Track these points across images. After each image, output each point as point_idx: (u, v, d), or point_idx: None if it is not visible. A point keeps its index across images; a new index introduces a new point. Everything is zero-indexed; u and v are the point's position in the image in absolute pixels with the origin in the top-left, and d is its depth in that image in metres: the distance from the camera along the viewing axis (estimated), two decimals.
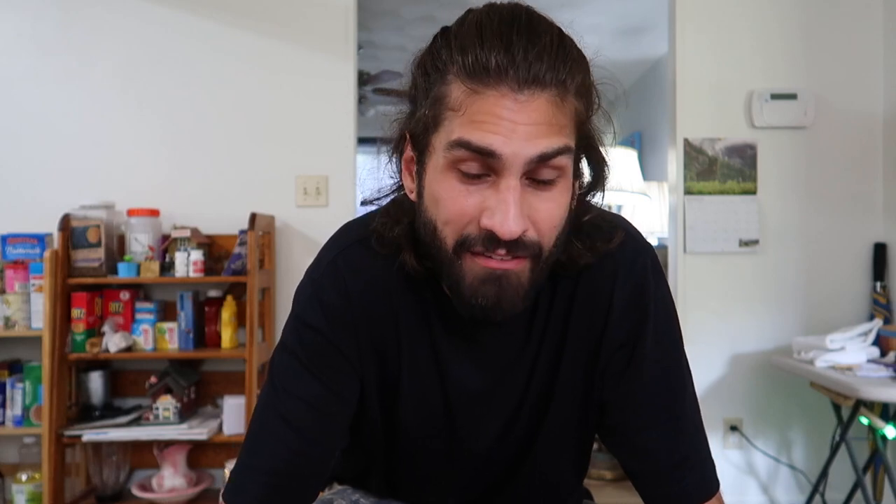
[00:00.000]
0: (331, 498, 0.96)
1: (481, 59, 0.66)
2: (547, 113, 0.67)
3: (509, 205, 0.67)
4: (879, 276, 2.66)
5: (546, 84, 0.67)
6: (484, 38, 0.67)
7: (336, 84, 2.70)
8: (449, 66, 0.69)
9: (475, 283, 0.72)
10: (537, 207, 0.70)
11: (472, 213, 0.70)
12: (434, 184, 0.72)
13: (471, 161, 0.68)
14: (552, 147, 0.68)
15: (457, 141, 0.68)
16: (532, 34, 0.67)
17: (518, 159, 0.67)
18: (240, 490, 0.81)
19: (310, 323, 0.82)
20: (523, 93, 0.66)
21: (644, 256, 0.83)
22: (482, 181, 0.69)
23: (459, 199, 0.70)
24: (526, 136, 0.67)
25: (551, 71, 0.67)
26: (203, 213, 2.63)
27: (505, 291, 0.72)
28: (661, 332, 0.83)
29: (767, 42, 2.72)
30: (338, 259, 0.83)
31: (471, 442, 0.87)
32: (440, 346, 0.84)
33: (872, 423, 2.23)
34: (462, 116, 0.68)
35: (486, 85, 0.67)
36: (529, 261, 0.72)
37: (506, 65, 0.66)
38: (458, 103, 0.68)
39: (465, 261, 0.72)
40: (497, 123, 0.66)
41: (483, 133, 0.67)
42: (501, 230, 0.68)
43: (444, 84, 0.70)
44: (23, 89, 2.68)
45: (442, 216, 0.71)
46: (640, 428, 0.83)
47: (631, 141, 5.12)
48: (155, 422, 2.39)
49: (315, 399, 0.81)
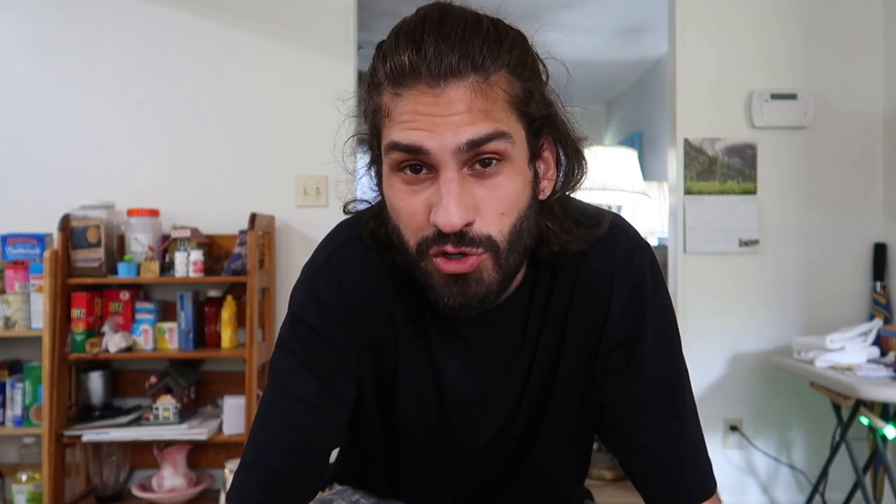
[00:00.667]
0: (331, 498, 0.96)
1: (397, 63, 0.68)
2: (467, 101, 0.67)
3: (448, 197, 0.68)
4: (879, 276, 2.66)
5: (462, 72, 0.67)
6: (399, 42, 0.69)
7: (336, 84, 2.69)
8: (379, 77, 0.71)
9: (440, 284, 0.73)
10: (481, 196, 0.70)
11: (422, 213, 0.71)
12: (387, 191, 0.74)
13: (406, 161, 0.70)
14: (480, 133, 0.68)
15: (389, 144, 0.70)
16: (440, 27, 0.68)
17: (446, 151, 0.68)
18: (240, 489, 0.82)
19: (306, 321, 0.82)
20: (439, 86, 0.67)
21: (642, 256, 0.83)
22: (424, 180, 0.70)
23: (407, 200, 0.71)
24: (450, 127, 0.67)
25: (465, 58, 0.67)
26: (203, 213, 2.63)
27: (470, 290, 0.72)
28: (660, 331, 0.83)
29: (767, 42, 2.73)
30: (332, 257, 0.84)
31: (469, 441, 0.87)
32: (434, 345, 0.84)
33: (872, 423, 2.23)
34: (391, 121, 0.70)
35: (404, 86, 0.68)
36: (489, 255, 0.71)
37: (417, 63, 0.67)
38: (387, 109, 0.70)
39: (428, 263, 0.72)
40: (419, 120, 0.68)
41: (408, 131, 0.68)
42: (444, 223, 0.68)
43: (379, 95, 0.72)
44: (23, 89, 2.68)
45: (401, 220, 0.73)
46: (639, 427, 0.83)
47: (631, 141, 5.12)
48: (155, 422, 2.39)
49: (313, 397, 0.81)
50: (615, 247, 0.82)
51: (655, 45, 4.34)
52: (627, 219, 0.88)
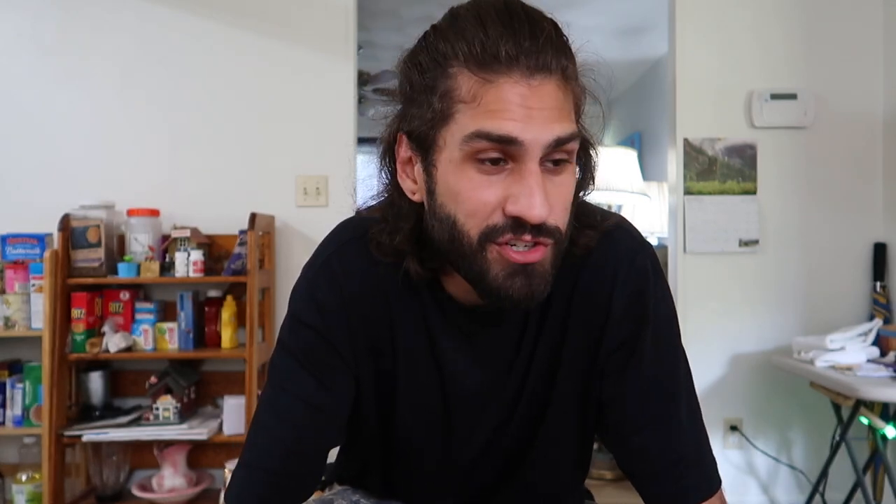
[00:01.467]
0: (331, 498, 0.96)
1: (489, 48, 0.67)
2: (557, 98, 0.68)
3: (534, 189, 0.68)
4: (879, 276, 2.66)
5: (552, 70, 0.68)
6: (488, 27, 0.68)
7: (336, 84, 2.70)
8: (451, 60, 0.69)
9: (501, 276, 0.71)
10: (552, 191, 0.70)
11: (495, 203, 0.70)
12: (450, 178, 0.71)
13: (490, 151, 0.68)
14: (566, 132, 0.69)
15: (475, 133, 0.68)
16: (533, 22, 0.68)
17: (537, 144, 0.68)
18: (238, 488, 0.82)
19: (305, 321, 0.82)
20: (535, 78, 0.67)
21: (644, 256, 0.83)
22: (501, 170, 0.69)
23: (480, 190, 0.70)
24: (542, 122, 0.67)
25: (556, 58, 0.68)
26: (203, 213, 2.63)
27: (533, 281, 0.72)
28: (661, 331, 0.83)
29: (767, 42, 2.73)
30: (332, 257, 0.84)
31: (467, 439, 0.87)
32: (437, 342, 0.84)
33: (872, 423, 2.23)
34: (476, 107, 0.68)
35: (497, 73, 0.67)
36: (552, 246, 0.72)
37: (516, 52, 0.66)
38: (469, 94, 0.68)
39: (490, 253, 0.71)
40: (513, 111, 0.67)
41: (502, 121, 0.67)
42: (530, 214, 0.68)
43: (448, 78, 0.69)
44: (23, 89, 2.68)
45: (463, 209, 0.71)
46: (639, 427, 0.83)
47: (631, 141, 5.12)
48: (155, 422, 2.39)
49: (311, 397, 0.81)
50: (617, 247, 0.83)
51: (655, 45, 4.34)
52: (627, 219, 0.89)
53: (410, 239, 0.78)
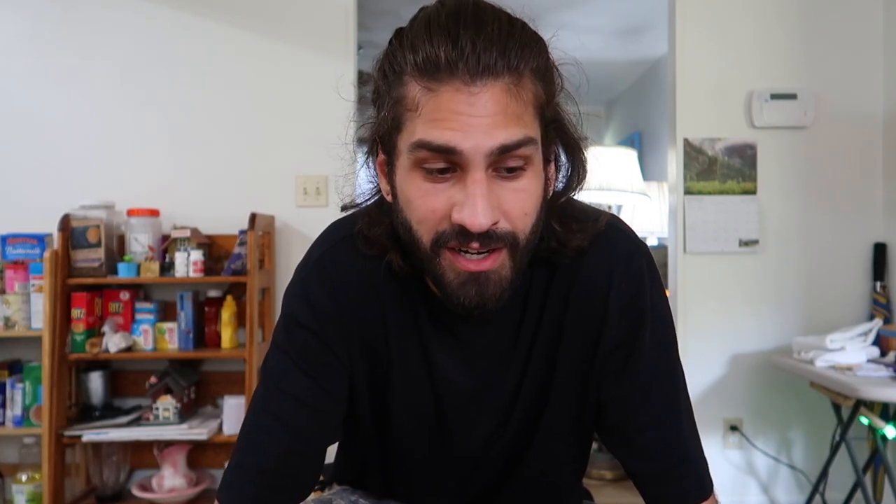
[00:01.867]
0: (330, 498, 0.96)
1: (431, 55, 0.67)
2: (502, 102, 0.67)
3: (476, 198, 0.68)
4: (879, 276, 2.66)
5: (498, 72, 0.67)
6: (432, 35, 0.67)
7: (336, 84, 2.69)
8: (404, 67, 0.69)
9: (455, 283, 0.72)
10: (506, 198, 0.70)
11: (442, 210, 0.70)
12: (403, 185, 0.72)
13: (434, 160, 0.69)
14: (512, 139, 0.68)
15: (417, 142, 0.68)
16: (478, 24, 0.67)
17: (479, 153, 0.67)
18: (232, 489, 0.82)
19: (299, 321, 0.82)
20: (476, 84, 0.66)
21: (640, 256, 0.83)
22: (448, 177, 0.69)
23: (428, 197, 0.70)
24: (484, 129, 0.67)
25: (502, 58, 0.67)
26: (203, 213, 2.63)
27: (486, 289, 0.72)
28: (658, 332, 0.83)
29: (767, 42, 2.72)
30: (324, 257, 0.84)
31: (463, 440, 0.87)
32: (428, 342, 0.84)
33: (872, 423, 2.23)
34: (420, 116, 0.68)
35: (438, 81, 0.67)
36: (507, 251, 0.72)
37: (455, 58, 0.66)
38: (414, 103, 0.69)
39: (443, 258, 0.72)
40: (454, 119, 0.66)
41: (441, 131, 0.67)
42: (472, 223, 0.68)
43: (402, 85, 0.70)
44: (23, 89, 2.68)
45: (415, 216, 0.72)
46: (639, 428, 0.83)
47: (631, 141, 5.12)
48: (155, 422, 2.39)
49: (305, 396, 0.81)
50: (613, 248, 0.82)
51: (655, 45, 4.34)
52: (627, 219, 0.89)
53: (391, 234, 0.78)
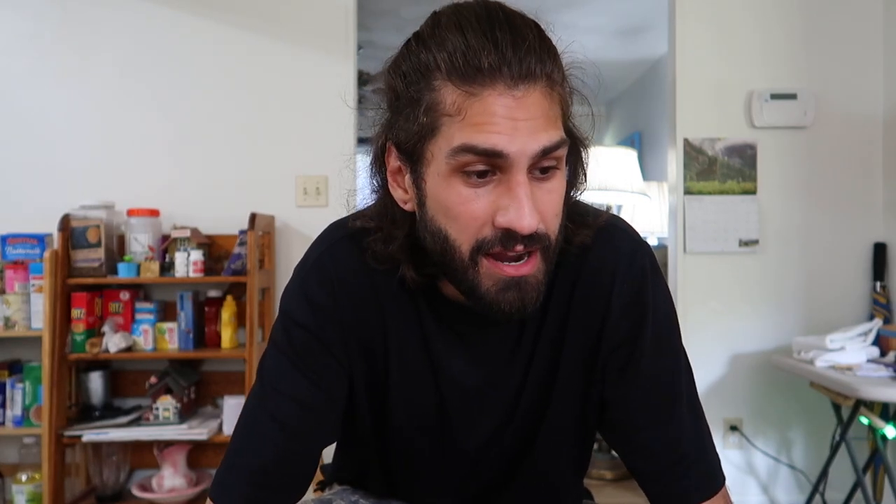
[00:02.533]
0: (330, 498, 0.96)
1: (471, 59, 0.66)
2: (542, 106, 0.68)
3: (523, 200, 0.68)
4: (879, 276, 2.66)
5: (537, 77, 0.67)
6: (468, 38, 0.67)
7: (336, 84, 2.70)
8: (434, 71, 0.68)
9: (494, 290, 0.72)
10: (541, 199, 0.70)
11: (484, 216, 0.70)
12: (439, 192, 0.71)
13: (477, 164, 0.68)
14: (553, 140, 0.69)
15: (461, 147, 0.67)
16: (515, 29, 0.67)
17: (524, 156, 0.67)
18: (226, 488, 0.82)
19: (297, 320, 0.82)
20: (518, 88, 0.67)
21: (642, 256, 0.83)
22: (488, 181, 0.69)
23: (469, 203, 0.69)
24: (527, 132, 0.67)
25: (540, 64, 0.67)
26: (203, 213, 2.63)
27: (526, 294, 0.72)
28: (660, 330, 0.83)
29: (767, 42, 2.72)
30: (324, 256, 0.83)
31: (465, 439, 0.87)
32: (431, 342, 0.83)
33: (872, 422, 2.23)
34: (461, 120, 0.67)
35: (481, 85, 0.66)
36: (540, 254, 0.72)
37: (498, 63, 0.66)
38: (454, 108, 0.68)
39: (482, 266, 0.71)
40: (498, 123, 0.66)
41: (487, 135, 0.67)
42: (520, 225, 0.68)
43: (432, 90, 0.69)
44: (23, 89, 2.68)
45: (454, 225, 0.71)
46: (641, 426, 0.83)
47: (631, 141, 5.12)
48: (155, 422, 2.39)
49: (303, 396, 0.81)
50: (616, 247, 0.83)
51: (655, 45, 4.34)
52: (627, 219, 0.89)
53: (405, 247, 0.78)
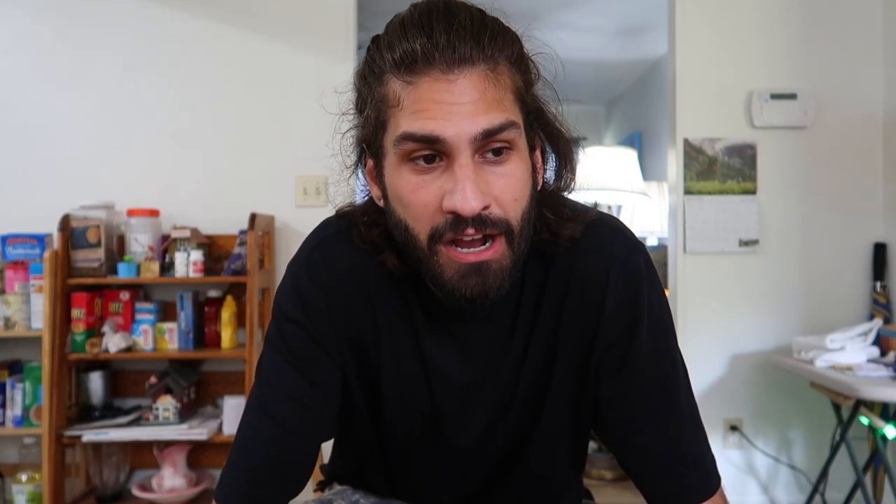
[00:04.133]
0: (331, 498, 0.96)
1: (407, 50, 0.68)
2: (480, 88, 0.69)
3: (465, 182, 0.69)
4: (879, 276, 2.66)
5: (474, 61, 0.68)
6: (407, 31, 0.69)
7: (336, 84, 2.68)
8: (382, 67, 0.71)
9: (455, 277, 0.73)
10: (494, 183, 0.71)
11: (434, 203, 0.71)
12: (393, 183, 0.73)
13: (420, 151, 0.70)
14: (494, 122, 0.69)
15: (401, 135, 0.70)
16: (450, 17, 0.69)
17: (462, 139, 0.68)
18: (228, 487, 0.83)
19: (289, 316, 0.83)
20: (453, 72, 0.68)
21: (637, 255, 0.83)
22: (435, 168, 0.71)
23: (419, 191, 0.71)
24: (465, 115, 0.68)
25: (476, 47, 0.69)
26: (203, 213, 2.63)
27: (487, 279, 0.72)
28: (655, 330, 0.83)
29: (767, 42, 2.72)
30: (315, 252, 0.84)
31: (458, 437, 0.87)
32: (422, 337, 0.84)
33: (872, 422, 2.23)
34: (402, 110, 0.70)
35: (416, 73, 0.69)
36: (503, 239, 0.72)
37: (430, 49, 0.68)
38: (396, 98, 0.70)
39: (441, 255, 0.72)
40: (434, 108, 0.68)
41: (424, 121, 0.68)
42: (463, 207, 0.68)
43: (382, 84, 0.72)
44: (23, 89, 2.68)
45: (409, 213, 0.73)
46: (636, 428, 0.83)
47: (631, 141, 5.12)
48: (155, 422, 2.39)
49: (297, 393, 0.82)
50: (610, 247, 0.83)
51: (655, 45, 4.34)
52: (627, 219, 0.89)
53: (386, 235, 0.79)
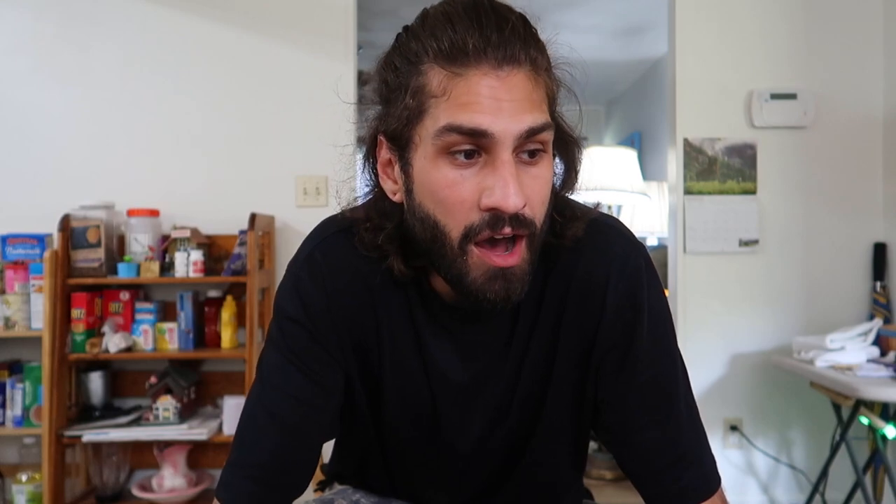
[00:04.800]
0: (331, 498, 0.96)
1: (457, 42, 0.68)
2: (526, 88, 0.69)
3: (508, 179, 0.68)
4: (879, 276, 2.66)
5: (521, 61, 0.69)
6: (455, 24, 0.69)
7: (336, 84, 2.69)
8: (423, 56, 0.70)
9: (481, 279, 0.72)
10: (528, 184, 0.71)
11: (471, 199, 0.70)
12: (426, 175, 0.72)
13: (462, 144, 0.69)
14: (538, 122, 0.69)
15: (447, 126, 0.68)
16: (499, 16, 0.69)
17: (508, 135, 0.68)
18: (230, 487, 0.82)
19: (290, 316, 0.83)
20: (503, 69, 0.68)
21: (637, 256, 0.83)
22: (474, 163, 0.70)
23: (456, 186, 0.70)
24: (512, 112, 0.68)
25: (524, 49, 0.69)
26: (203, 213, 2.63)
27: (511, 284, 0.72)
28: (655, 332, 0.83)
29: (767, 42, 2.73)
30: (315, 251, 0.84)
31: (458, 437, 0.87)
32: (423, 337, 0.84)
33: (872, 422, 2.23)
34: (447, 101, 0.69)
35: (466, 66, 0.68)
36: (525, 242, 0.72)
37: (483, 45, 0.67)
38: (440, 89, 0.69)
39: (471, 255, 0.72)
40: (483, 102, 0.68)
41: (472, 114, 0.68)
42: (505, 204, 0.68)
43: (420, 74, 0.71)
44: (23, 89, 2.68)
45: (442, 208, 0.71)
46: (636, 428, 0.83)
47: (631, 141, 5.12)
48: (155, 422, 2.39)
49: (299, 392, 0.82)
50: (610, 248, 0.83)
51: (655, 45, 4.34)
52: (627, 219, 0.89)
53: (394, 239, 0.78)
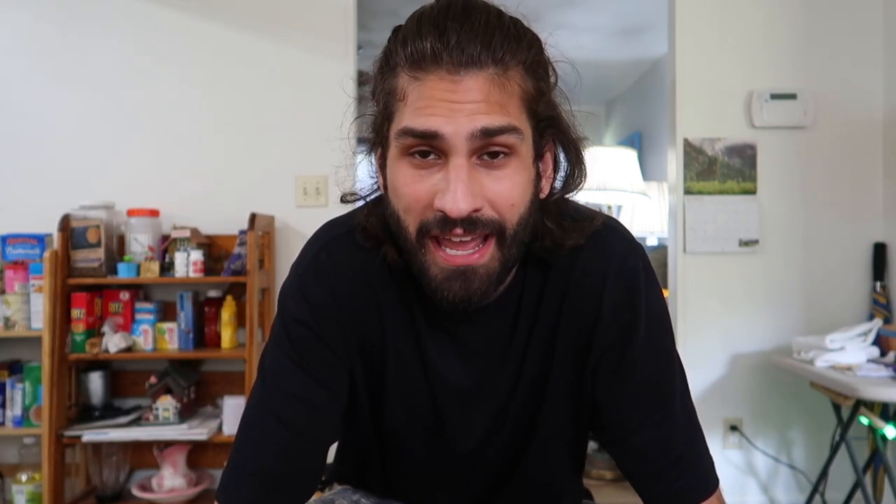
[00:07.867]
0: (331, 498, 0.96)
1: (419, 47, 0.69)
2: (485, 91, 0.69)
3: (456, 183, 0.69)
4: (879, 276, 2.66)
5: (483, 63, 0.68)
6: (421, 28, 0.70)
7: (335, 84, 2.69)
8: (396, 60, 0.71)
9: (439, 278, 0.73)
10: (490, 186, 0.71)
11: (426, 198, 0.71)
12: (391, 174, 0.74)
13: (419, 146, 0.70)
14: (494, 123, 0.69)
15: (402, 129, 0.70)
16: (465, 17, 0.69)
17: (459, 137, 0.68)
18: (233, 490, 0.81)
19: (295, 317, 0.82)
20: (459, 73, 0.68)
21: (635, 258, 0.83)
22: (433, 165, 0.71)
23: (413, 185, 0.72)
24: (466, 115, 0.68)
25: (486, 50, 0.68)
26: (203, 213, 2.63)
27: (471, 284, 0.73)
28: (652, 332, 0.83)
29: (767, 42, 2.72)
30: (321, 253, 0.84)
31: (460, 438, 0.87)
32: (424, 340, 0.84)
33: (872, 423, 2.23)
34: (406, 105, 0.70)
35: (424, 71, 0.69)
36: (495, 242, 0.72)
37: (440, 49, 0.68)
38: (402, 93, 0.71)
39: (428, 250, 0.73)
40: (436, 106, 0.68)
41: (425, 117, 0.69)
42: (451, 208, 0.69)
43: (394, 77, 0.72)
44: (23, 89, 2.68)
45: (401, 205, 0.73)
46: (633, 429, 0.83)
47: (631, 141, 5.12)
48: (155, 422, 2.39)
49: (304, 393, 0.81)
50: (608, 249, 0.83)
51: (655, 45, 4.34)
52: (627, 219, 0.89)
53: (386, 226, 0.79)
